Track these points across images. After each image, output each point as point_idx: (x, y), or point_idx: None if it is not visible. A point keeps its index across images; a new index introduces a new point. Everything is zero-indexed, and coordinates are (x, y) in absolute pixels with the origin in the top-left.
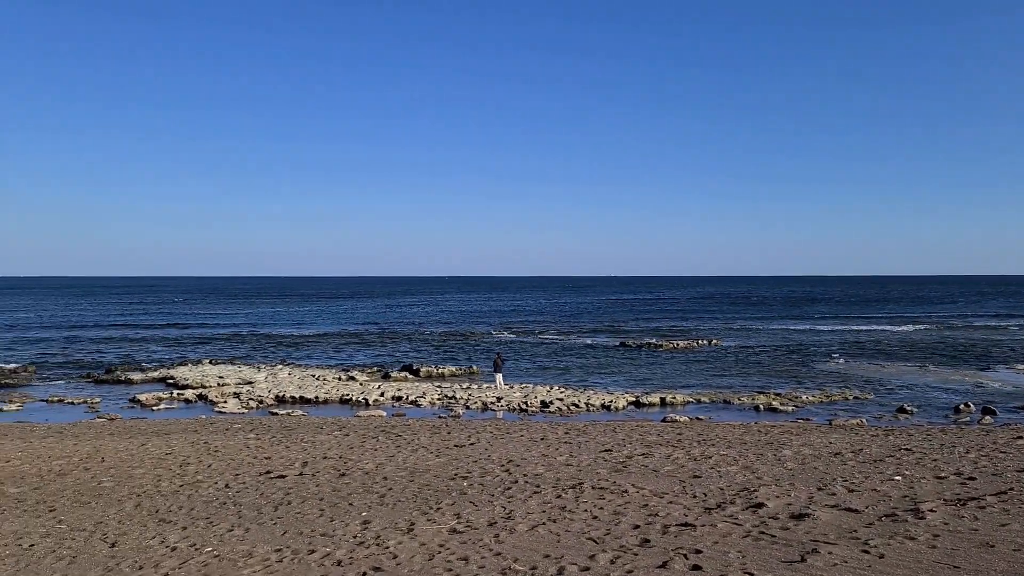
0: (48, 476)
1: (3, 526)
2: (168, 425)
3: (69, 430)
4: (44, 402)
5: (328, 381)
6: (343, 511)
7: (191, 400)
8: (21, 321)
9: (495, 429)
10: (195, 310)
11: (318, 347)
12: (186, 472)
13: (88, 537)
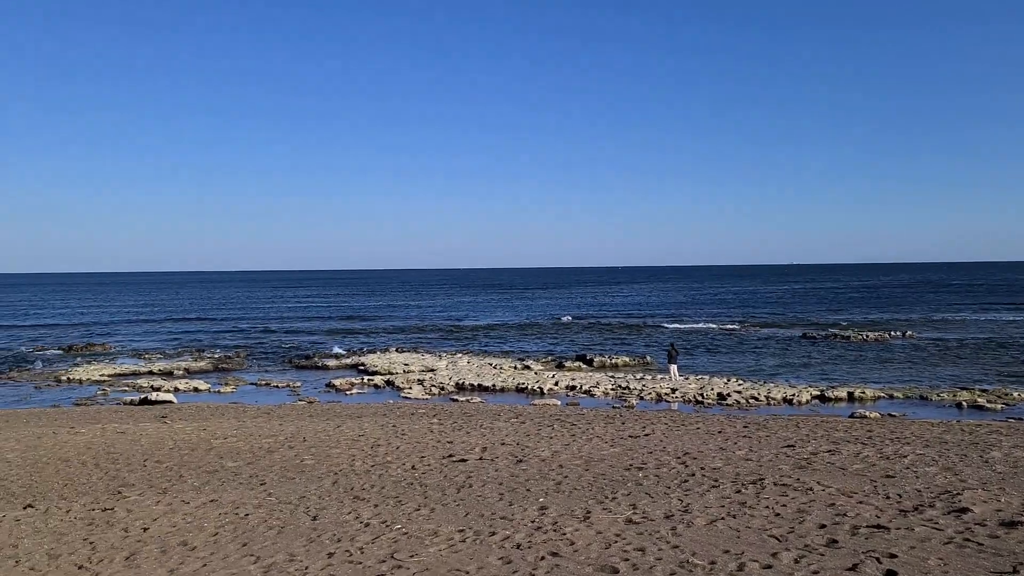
0: (259, 452)
1: (223, 496)
2: (360, 409)
3: (275, 411)
4: (254, 385)
5: (504, 370)
6: (521, 496)
7: (380, 386)
8: (234, 313)
9: (670, 420)
10: (379, 301)
11: (495, 336)
12: (377, 453)
13: (293, 510)
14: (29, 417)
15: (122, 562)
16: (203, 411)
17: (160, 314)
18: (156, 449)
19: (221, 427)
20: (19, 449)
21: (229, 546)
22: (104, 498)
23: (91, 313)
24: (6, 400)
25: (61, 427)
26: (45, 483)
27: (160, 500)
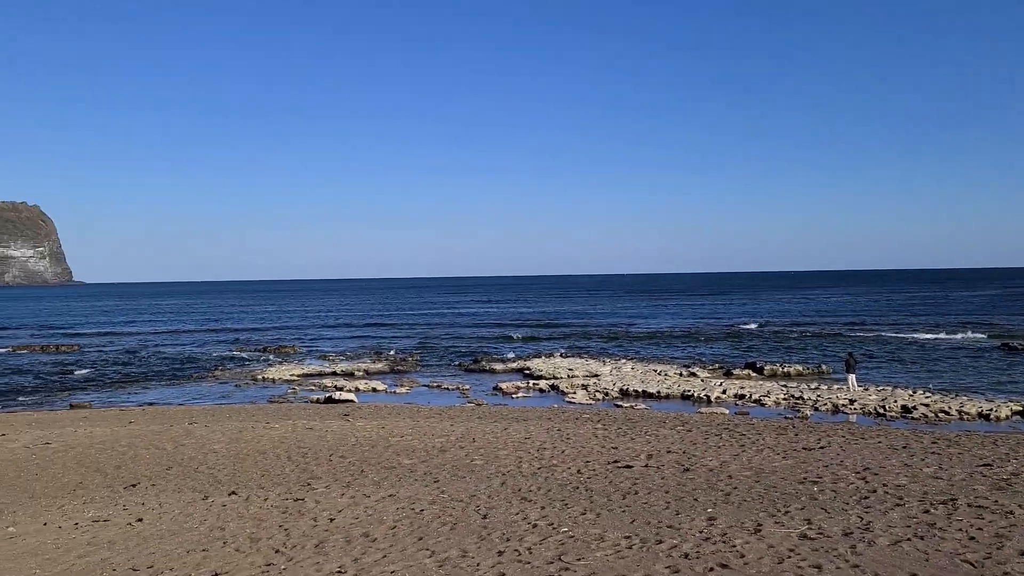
0: (432, 451)
1: (400, 491)
2: (526, 412)
3: (446, 412)
4: (426, 387)
5: (669, 376)
6: (688, 505)
7: (545, 390)
8: (410, 319)
9: (848, 433)
10: (544, 306)
11: (659, 342)
12: (543, 456)
13: (464, 507)
14: (231, 412)
15: (312, 549)
16: (381, 410)
17: (344, 318)
18: (340, 445)
19: (398, 426)
20: (224, 441)
21: (406, 539)
22: (296, 489)
23: (285, 317)
24: (213, 396)
25: (258, 422)
26: (246, 473)
27: (344, 493)
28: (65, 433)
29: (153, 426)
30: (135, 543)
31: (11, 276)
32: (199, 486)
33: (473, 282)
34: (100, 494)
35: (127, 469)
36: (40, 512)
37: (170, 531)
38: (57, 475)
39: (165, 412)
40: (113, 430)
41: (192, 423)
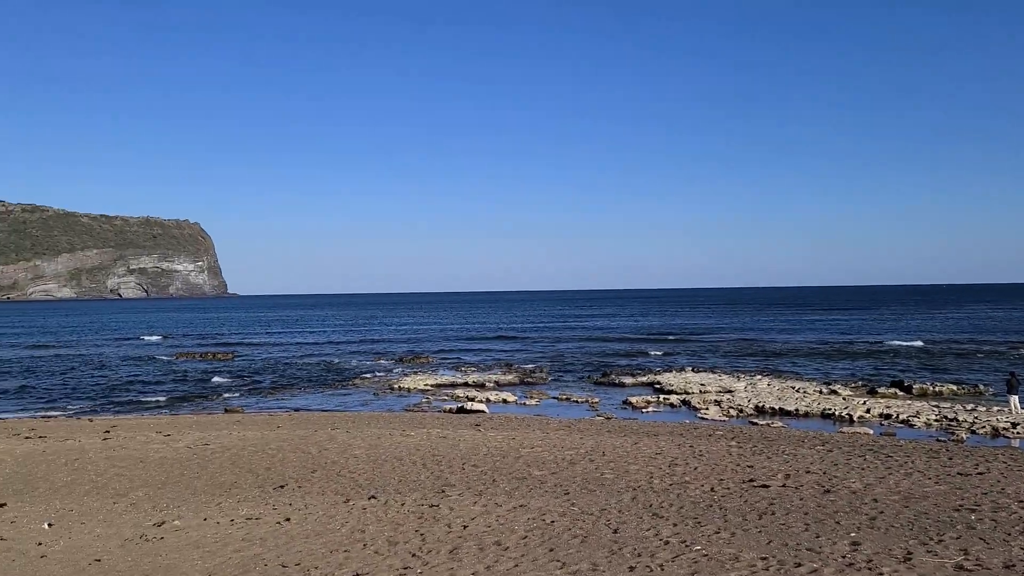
0: (562, 463)
1: (531, 502)
2: (656, 427)
3: (576, 425)
4: (556, 399)
5: (808, 394)
6: (829, 528)
7: (675, 405)
8: (541, 332)
9: (1010, 459)
10: (680, 319)
11: (797, 358)
12: (674, 472)
13: (595, 521)
14: (370, 420)
15: (446, 555)
16: (511, 421)
17: (476, 330)
18: (472, 454)
19: (528, 437)
20: (364, 447)
21: (537, 550)
22: (431, 495)
23: (421, 329)
24: (353, 404)
25: (395, 430)
26: (384, 478)
27: (476, 501)
28: (221, 436)
29: (299, 431)
30: (283, 541)
31: (175, 288)
32: (341, 489)
33: (603, 295)
34: (252, 493)
35: (276, 471)
36: (201, 508)
37: (315, 531)
38: (215, 474)
39: (310, 418)
40: (263, 434)
41: (334, 429)
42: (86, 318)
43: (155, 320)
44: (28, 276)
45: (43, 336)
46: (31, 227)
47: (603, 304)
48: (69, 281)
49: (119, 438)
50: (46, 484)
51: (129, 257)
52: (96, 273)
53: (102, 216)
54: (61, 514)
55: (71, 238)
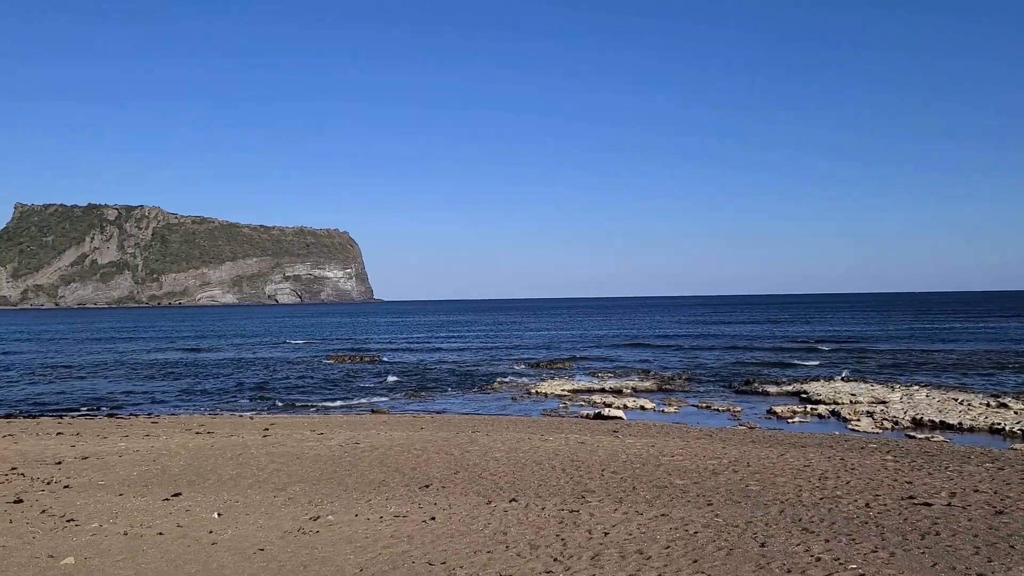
0: (704, 473)
1: (673, 512)
2: (803, 438)
3: (717, 434)
4: (695, 407)
5: (974, 407)
6: (1003, 552)
7: (824, 415)
8: (681, 339)
9: None
10: (822, 327)
11: (961, 367)
12: (825, 486)
13: (741, 533)
14: (509, 423)
15: (588, 560)
16: (650, 429)
17: (613, 335)
18: (611, 461)
19: (667, 445)
20: (504, 450)
21: (680, 560)
22: (571, 500)
23: (557, 334)
24: (492, 407)
25: (534, 434)
26: (524, 481)
27: (617, 508)
28: (370, 435)
29: (442, 433)
30: (430, 539)
31: (326, 295)
32: (483, 491)
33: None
34: (399, 492)
35: (421, 471)
36: (352, 504)
37: (459, 531)
38: (365, 472)
39: (451, 420)
40: (408, 435)
41: (475, 432)
42: (247, 322)
43: (308, 324)
44: (196, 283)
45: (209, 340)
46: (199, 238)
47: (743, 310)
48: (232, 287)
49: (277, 435)
50: (215, 476)
51: (285, 265)
52: (255, 280)
53: (261, 227)
54: (228, 505)
55: (233, 247)
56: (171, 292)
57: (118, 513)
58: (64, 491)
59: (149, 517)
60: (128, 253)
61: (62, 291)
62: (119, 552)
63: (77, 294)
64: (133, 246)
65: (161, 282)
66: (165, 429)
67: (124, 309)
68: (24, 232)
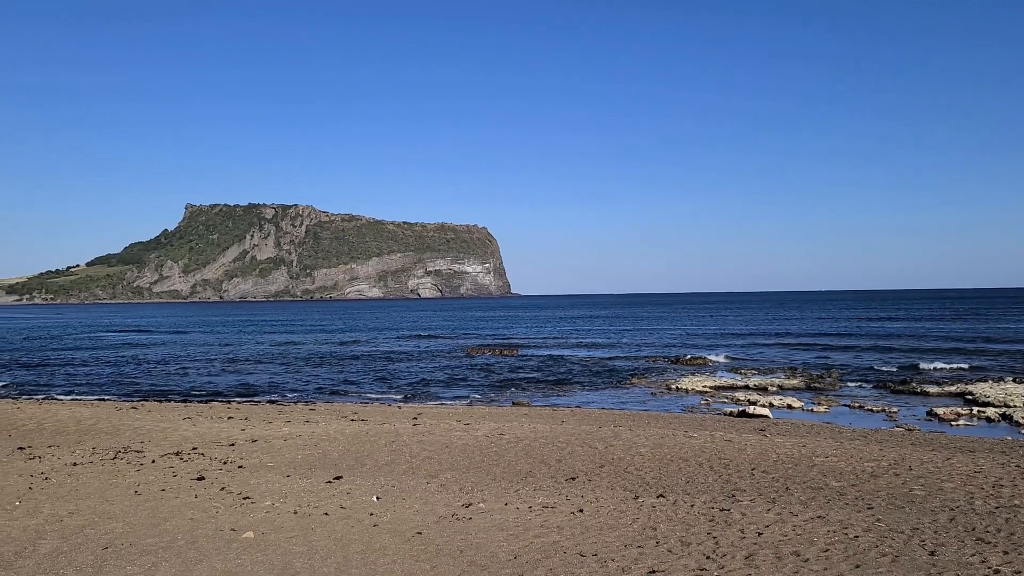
0: (862, 476)
1: (830, 514)
2: (970, 442)
3: (872, 435)
4: (847, 407)
5: None
6: None
7: (992, 419)
8: (832, 337)
9: None
10: (988, 324)
11: None
12: (1000, 494)
13: (907, 540)
14: (650, 419)
15: (742, 560)
16: (799, 428)
17: (756, 331)
18: (761, 460)
19: (820, 446)
20: (648, 446)
21: (841, 565)
22: (720, 499)
23: (697, 328)
24: (632, 403)
25: (677, 430)
26: (671, 477)
27: (770, 508)
28: (513, 427)
29: (584, 426)
30: (579, 531)
31: (465, 289)
32: (629, 485)
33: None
34: (546, 483)
35: (566, 463)
36: (501, 493)
37: (607, 524)
38: (511, 462)
39: (591, 414)
40: (551, 427)
41: (618, 427)
42: (391, 315)
43: (448, 318)
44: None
45: (357, 332)
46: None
47: (900, 305)
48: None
49: (426, 424)
50: (371, 462)
51: (426, 260)
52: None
53: (404, 223)
54: (385, 489)
55: (379, 243)
56: (322, 287)
57: (287, 493)
58: (239, 471)
59: (315, 498)
60: (284, 250)
61: (225, 285)
62: (291, 529)
63: (239, 288)
64: (288, 243)
65: (313, 277)
66: (322, 416)
67: (280, 303)
68: (193, 231)
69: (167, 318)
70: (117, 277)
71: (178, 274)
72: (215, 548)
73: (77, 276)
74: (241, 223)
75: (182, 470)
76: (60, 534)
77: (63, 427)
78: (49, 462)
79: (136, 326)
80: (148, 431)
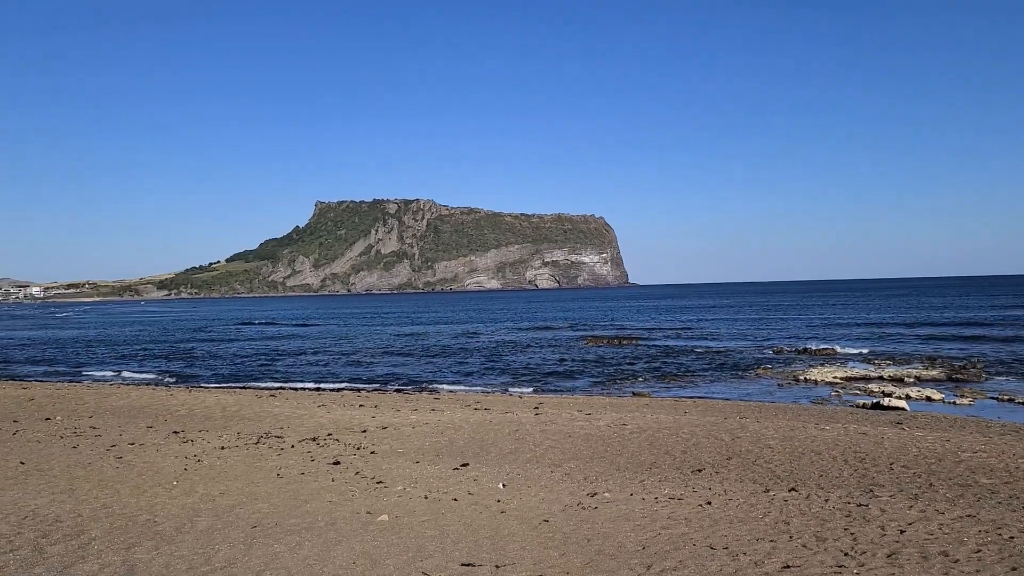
0: (1016, 473)
1: (981, 513)
2: None
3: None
4: (994, 399)
5: None
6: None
7: None
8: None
9: None
10: None
11: None
12: None
13: None
14: (777, 411)
15: (883, 558)
16: (940, 421)
17: (892, 319)
18: (900, 454)
19: (966, 440)
20: (777, 438)
21: (996, 566)
22: (857, 494)
23: (825, 317)
24: (757, 394)
25: (807, 423)
26: (803, 471)
27: (912, 505)
28: (635, 417)
29: (708, 417)
30: (707, 524)
31: (582, 279)
32: (758, 478)
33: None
34: (671, 474)
35: (691, 455)
36: (626, 484)
37: (737, 517)
38: (635, 453)
39: (715, 405)
40: (674, 418)
41: (743, 418)
42: (510, 306)
43: (566, 308)
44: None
45: (476, 323)
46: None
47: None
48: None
49: (547, 414)
50: (496, 450)
51: (544, 251)
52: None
53: (521, 215)
54: (511, 477)
55: (497, 235)
56: (443, 279)
57: (417, 479)
58: (371, 456)
59: (443, 484)
60: (406, 243)
61: (352, 279)
62: (423, 513)
63: (365, 281)
64: (410, 236)
65: (434, 269)
66: (447, 405)
67: (403, 295)
68: (322, 227)
69: (299, 311)
70: (254, 272)
71: (309, 268)
72: (352, 530)
73: (218, 272)
74: (366, 218)
75: (319, 455)
76: (213, 512)
77: (211, 413)
78: (200, 445)
79: (270, 319)
80: (287, 418)
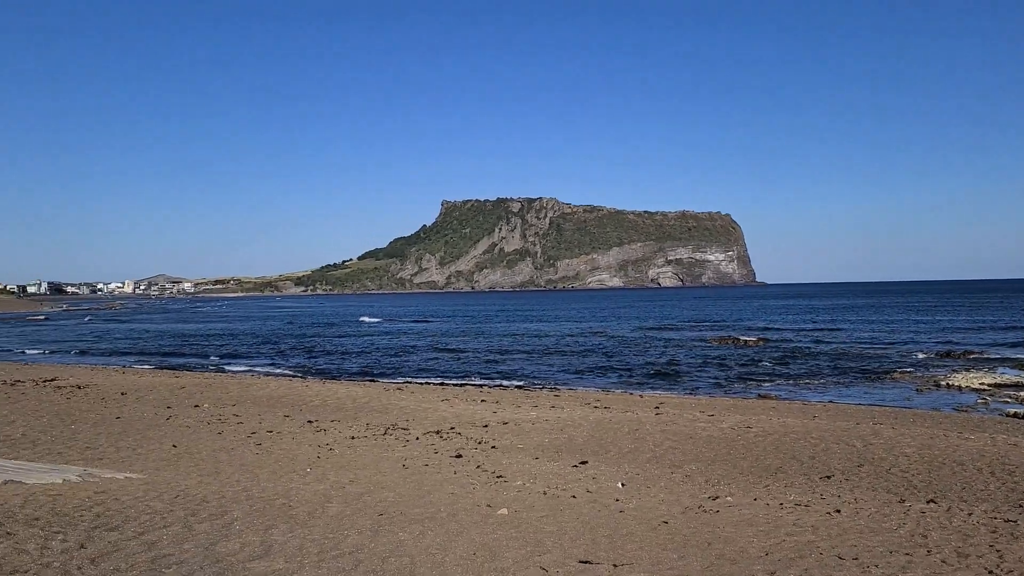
0: None
1: None
2: None
3: None
4: None
5: None
6: None
7: None
8: None
9: None
10: None
11: None
12: None
13: None
14: (914, 417)
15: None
16: None
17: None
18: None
19: None
20: (914, 446)
21: None
22: (1004, 509)
23: (973, 320)
24: (892, 399)
25: (948, 431)
26: (943, 482)
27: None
28: (761, 420)
29: (838, 422)
30: (836, 532)
31: (707, 277)
32: (893, 487)
33: None
34: (797, 480)
35: (820, 460)
36: (749, 488)
37: (868, 527)
38: (759, 457)
39: (846, 410)
40: (802, 422)
41: (877, 424)
42: (634, 305)
43: (691, 307)
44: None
45: (596, 322)
46: (589, 225)
47: None
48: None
49: (668, 414)
50: (615, 448)
51: (667, 249)
52: (639, 264)
53: (644, 212)
54: (630, 476)
55: (619, 233)
56: (565, 276)
57: (536, 475)
58: (492, 451)
59: (562, 481)
60: (529, 241)
61: (476, 276)
62: (541, 509)
63: (488, 279)
64: (533, 235)
65: (556, 267)
66: (566, 402)
67: (526, 292)
68: (448, 226)
69: (428, 307)
70: (383, 269)
71: (435, 266)
72: (473, 521)
73: (350, 269)
74: (490, 217)
75: (442, 447)
76: (343, 499)
77: (342, 404)
78: (332, 435)
79: (397, 316)
80: (412, 410)
